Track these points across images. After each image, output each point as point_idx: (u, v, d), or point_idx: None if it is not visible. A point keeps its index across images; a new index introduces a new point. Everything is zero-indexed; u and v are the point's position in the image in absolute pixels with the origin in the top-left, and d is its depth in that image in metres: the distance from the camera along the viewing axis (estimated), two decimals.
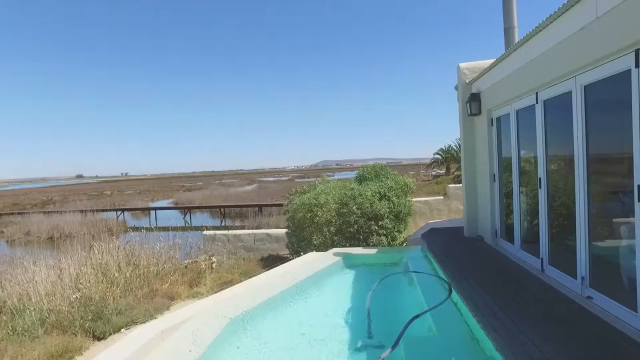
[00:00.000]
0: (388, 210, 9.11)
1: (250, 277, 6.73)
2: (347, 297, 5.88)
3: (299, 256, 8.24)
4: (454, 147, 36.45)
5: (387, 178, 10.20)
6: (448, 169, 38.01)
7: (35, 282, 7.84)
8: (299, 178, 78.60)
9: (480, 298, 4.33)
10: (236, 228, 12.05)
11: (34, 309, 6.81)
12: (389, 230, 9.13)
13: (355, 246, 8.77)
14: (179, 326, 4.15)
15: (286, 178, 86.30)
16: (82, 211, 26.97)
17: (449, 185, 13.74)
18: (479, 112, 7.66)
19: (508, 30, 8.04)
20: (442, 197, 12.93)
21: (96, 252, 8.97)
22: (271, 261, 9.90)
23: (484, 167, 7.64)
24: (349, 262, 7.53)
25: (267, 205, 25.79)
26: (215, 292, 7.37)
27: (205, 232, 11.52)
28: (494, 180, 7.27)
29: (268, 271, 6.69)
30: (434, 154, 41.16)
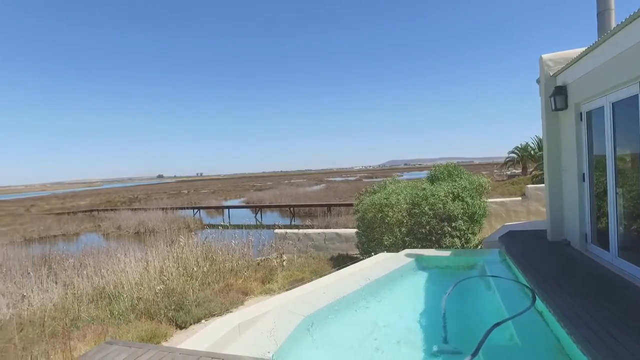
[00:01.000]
0: (462, 211, 8.73)
1: (321, 276, 6.78)
2: (420, 300, 5.71)
3: (369, 256, 8.17)
4: (532, 145, 34.12)
5: (461, 178, 9.79)
6: (525, 168, 35.69)
7: (127, 272, 8.56)
8: (366, 178, 78.21)
9: (569, 307, 3.97)
10: (306, 227, 12.23)
11: (127, 296, 7.44)
12: (462, 232, 8.75)
13: (427, 247, 8.52)
14: (255, 321, 4.27)
15: (354, 178, 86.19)
16: (163, 209, 29.02)
17: (528, 185, 12.87)
18: (565, 107, 7.05)
19: (602, 14, 7.28)
20: (519, 198, 12.15)
21: (177, 247, 9.56)
22: (341, 261, 9.91)
23: (570, 165, 7.03)
24: (422, 264, 7.32)
25: (335, 205, 25.94)
26: (287, 290, 7.53)
27: (276, 231, 11.83)
28: (583, 180, 6.66)
29: (339, 270, 6.69)
30: (509, 152, 38.88)
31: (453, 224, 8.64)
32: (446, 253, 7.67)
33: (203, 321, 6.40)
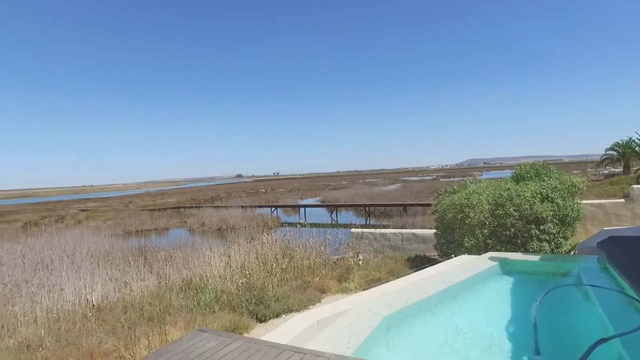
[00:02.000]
0: (551, 213, 8.07)
1: (399, 277, 6.67)
2: (506, 306, 5.37)
3: (449, 258, 7.87)
4: (637, 141, 30.50)
5: (550, 177, 9.05)
6: (627, 166, 31.97)
7: (211, 266, 9.12)
8: (443, 177, 75.51)
9: None
10: (382, 227, 12.11)
11: (211, 288, 7.93)
12: (552, 236, 8.09)
13: (512, 251, 7.99)
14: (334, 319, 4.31)
15: (430, 177, 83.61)
16: (242, 207, 30.45)
17: (633, 185, 11.54)
18: None
19: None
20: (622, 200, 10.94)
21: (257, 244, 9.97)
22: (418, 262, 9.68)
23: None
24: (507, 268, 6.88)
25: (411, 205, 25.38)
26: (364, 289, 7.51)
27: (352, 230, 11.85)
28: None
29: (418, 272, 6.53)
30: (607, 149, 35.03)
31: (541, 227, 8.02)
32: (534, 258, 7.14)
33: (283, 316, 6.60)
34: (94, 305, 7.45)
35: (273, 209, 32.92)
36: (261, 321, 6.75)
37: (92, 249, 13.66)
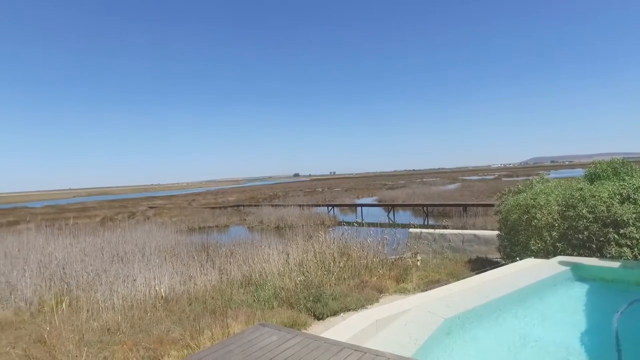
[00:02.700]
0: (634, 215, 7.37)
1: (460, 279, 6.45)
2: (579, 315, 5.00)
3: (513, 261, 7.48)
4: None
5: (632, 176, 8.28)
6: None
7: (270, 263, 9.34)
8: (506, 177, 71.89)
9: None
10: (441, 227, 11.76)
11: (270, 284, 8.12)
12: (636, 241, 7.39)
13: (585, 256, 7.42)
14: (393, 319, 4.26)
15: (492, 177, 79.84)
16: (300, 205, 30.90)
17: None
18: None
19: None
20: None
21: (315, 242, 10.07)
22: (480, 264, 9.30)
23: None
24: (579, 274, 6.41)
25: (472, 205, 24.42)
26: (423, 290, 7.34)
27: (411, 230, 11.63)
28: None
29: (481, 274, 6.27)
30: None
31: (621, 231, 7.36)
32: (613, 264, 6.58)
33: (342, 314, 6.62)
34: (162, 296, 7.92)
35: (330, 208, 33.07)
36: (319, 319, 6.81)
37: (159, 243, 14.51)
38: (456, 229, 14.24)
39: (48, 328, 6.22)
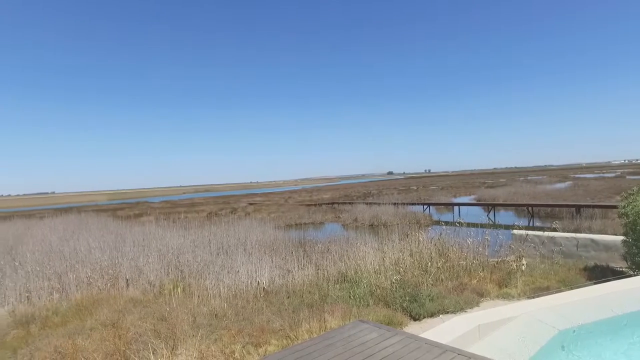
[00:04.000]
0: None
1: (574, 288, 5.84)
2: None
3: None
4: None
5: None
6: None
7: (365, 260, 9.36)
8: (631, 175, 63.18)
9: None
10: (550, 230, 10.73)
11: (366, 282, 8.14)
12: None
13: None
14: (498, 325, 4.00)
15: (612, 174, 70.63)
16: (394, 203, 30.48)
17: None
18: None
19: None
20: None
21: (412, 241, 9.86)
22: (599, 273, 8.32)
23: None
24: None
25: (587, 206, 21.93)
26: (529, 297, 6.80)
27: (514, 232, 10.81)
28: None
29: (601, 284, 5.60)
30: None
31: None
32: None
33: (441, 316, 6.41)
34: (264, 288, 8.39)
35: (425, 206, 32.15)
36: (415, 319, 6.68)
37: (259, 238, 15.36)
38: (567, 232, 12.90)
39: (168, 308, 6.96)
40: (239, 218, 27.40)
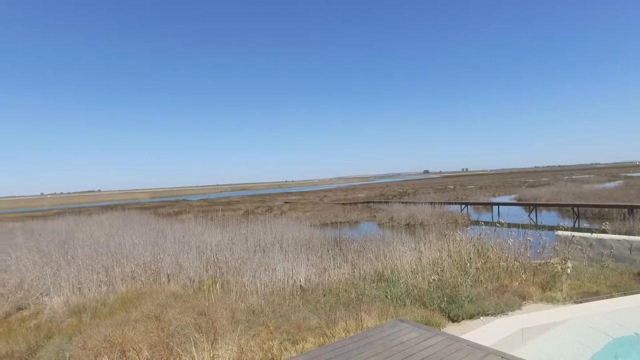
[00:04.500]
0: None
1: (628, 294, 5.54)
2: None
3: None
4: None
5: None
6: None
7: (401, 260, 9.26)
8: None
9: None
10: (598, 231, 10.20)
11: (403, 282, 8.05)
12: None
13: None
14: (543, 330, 3.86)
15: None
16: (431, 203, 29.91)
17: None
18: None
19: None
20: None
21: (450, 241, 9.66)
22: None
23: None
24: None
25: None
26: (576, 302, 6.51)
27: (558, 233, 10.35)
28: None
29: None
30: None
31: None
32: None
33: (481, 318, 6.25)
34: (300, 285, 8.45)
35: (463, 206, 31.40)
36: (453, 321, 6.55)
37: (295, 236, 15.48)
38: (619, 234, 12.23)
39: (207, 304, 7.15)
40: (274, 216, 27.75)
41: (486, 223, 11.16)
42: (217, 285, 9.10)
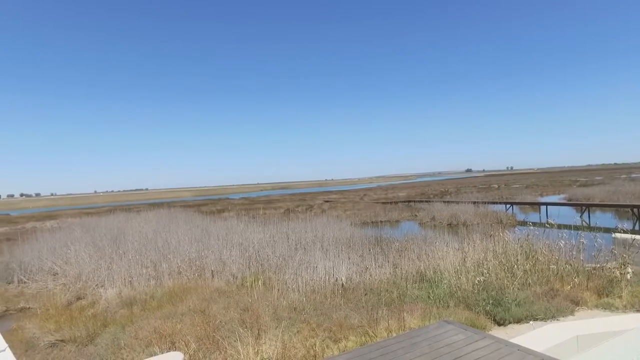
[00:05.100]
0: None
1: None
2: None
3: None
4: None
5: None
6: None
7: (444, 260, 9.05)
8: None
9: None
10: None
11: (446, 282, 7.87)
12: None
13: None
14: (601, 338, 3.65)
15: None
16: (473, 202, 29.02)
17: None
18: None
19: None
20: None
21: (497, 242, 9.34)
22: None
23: None
24: None
25: None
26: (638, 310, 6.11)
27: (616, 235, 9.73)
28: None
29: None
30: None
31: None
32: None
33: (531, 323, 5.99)
34: (342, 284, 8.45)
35: (508, 206, 30.27)
36: (499, 324, 6.32)
37: (335, 235, 15.47)
38: None
39: (250, 300, 7.30)
40: (315, 215, 27.89)
41: (534, 224, 10.67)
42: (259, 282, 9.27)
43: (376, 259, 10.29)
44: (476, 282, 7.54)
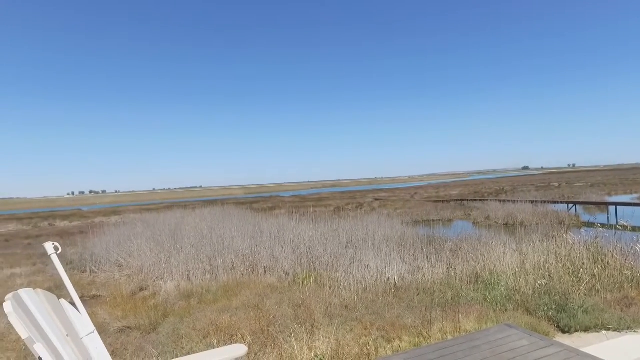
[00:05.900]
0: None
1: None
2: None
3: None
4: None
5: None
6: None
7: (501, 261, 8.68)
8: None
9: None
10: None
11: (504, 284, 7.55)
12: None
13: None
14: None
15: None
16: (532, 201, 27.57)
17: None
18: None
19: None
20: None
21: (560, 243, 8.84)
22: None
23: None
24: None
25: None
26: None
27: None
28: None
29: None
30: None
31: None
32: None
33: (604, 332, 5.60)
34: (395, 283, 8.33)
35: (571, 205, 28.48)
36: (564, 332, 5.96)
37: (387, 233, 15.31)
38: None
39: (302, 296, 7.38)
40: (365, 213, 27.74)
41: (602, 225, 9.96)
42: (311, 279, 9.35)
43: (429, 259, 10.07)
44: (537, 285, 7.16)
